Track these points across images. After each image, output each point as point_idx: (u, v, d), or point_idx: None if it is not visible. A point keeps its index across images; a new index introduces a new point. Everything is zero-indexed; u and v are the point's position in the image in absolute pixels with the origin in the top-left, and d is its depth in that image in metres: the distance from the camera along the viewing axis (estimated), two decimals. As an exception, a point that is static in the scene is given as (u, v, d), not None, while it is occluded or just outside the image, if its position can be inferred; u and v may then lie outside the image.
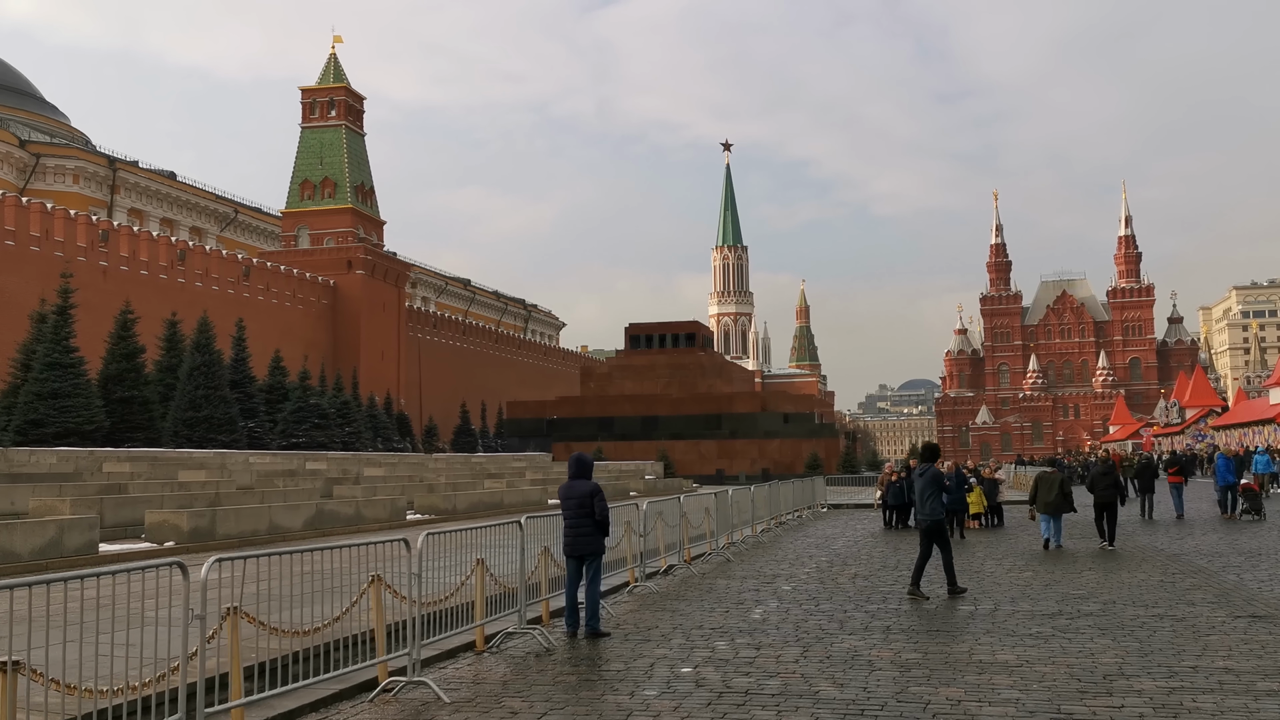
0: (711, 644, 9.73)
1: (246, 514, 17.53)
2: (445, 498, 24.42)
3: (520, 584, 9.93)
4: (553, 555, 10.96)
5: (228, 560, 6.54)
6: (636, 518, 14.09)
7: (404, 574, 8.02)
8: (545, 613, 11.02)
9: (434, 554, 9.15)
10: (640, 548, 14.02)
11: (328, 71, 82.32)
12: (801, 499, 32.56)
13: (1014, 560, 17.05)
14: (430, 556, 8.98)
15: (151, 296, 57.72)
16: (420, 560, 7.90)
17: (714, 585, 14.28)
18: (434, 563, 9.30)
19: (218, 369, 45.63)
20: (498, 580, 9.72)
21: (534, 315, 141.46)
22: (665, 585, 14.29)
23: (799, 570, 16.01)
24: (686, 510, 17.17)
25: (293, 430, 51.53)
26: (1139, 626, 10.35)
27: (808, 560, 17.56)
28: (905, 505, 25.01)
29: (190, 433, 44.26)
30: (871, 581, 14.47)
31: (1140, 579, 14.17)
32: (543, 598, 10.91)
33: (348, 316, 77.93)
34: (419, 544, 8.02)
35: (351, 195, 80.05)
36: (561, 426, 72.38)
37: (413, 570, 7.81)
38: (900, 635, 10.08)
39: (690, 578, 15.11)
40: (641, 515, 14.12)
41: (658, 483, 45.28)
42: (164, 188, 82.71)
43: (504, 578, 9.90)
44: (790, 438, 67.31)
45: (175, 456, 30.02)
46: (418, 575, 7.76)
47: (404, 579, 8.09)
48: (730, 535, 20.06)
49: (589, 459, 10.62)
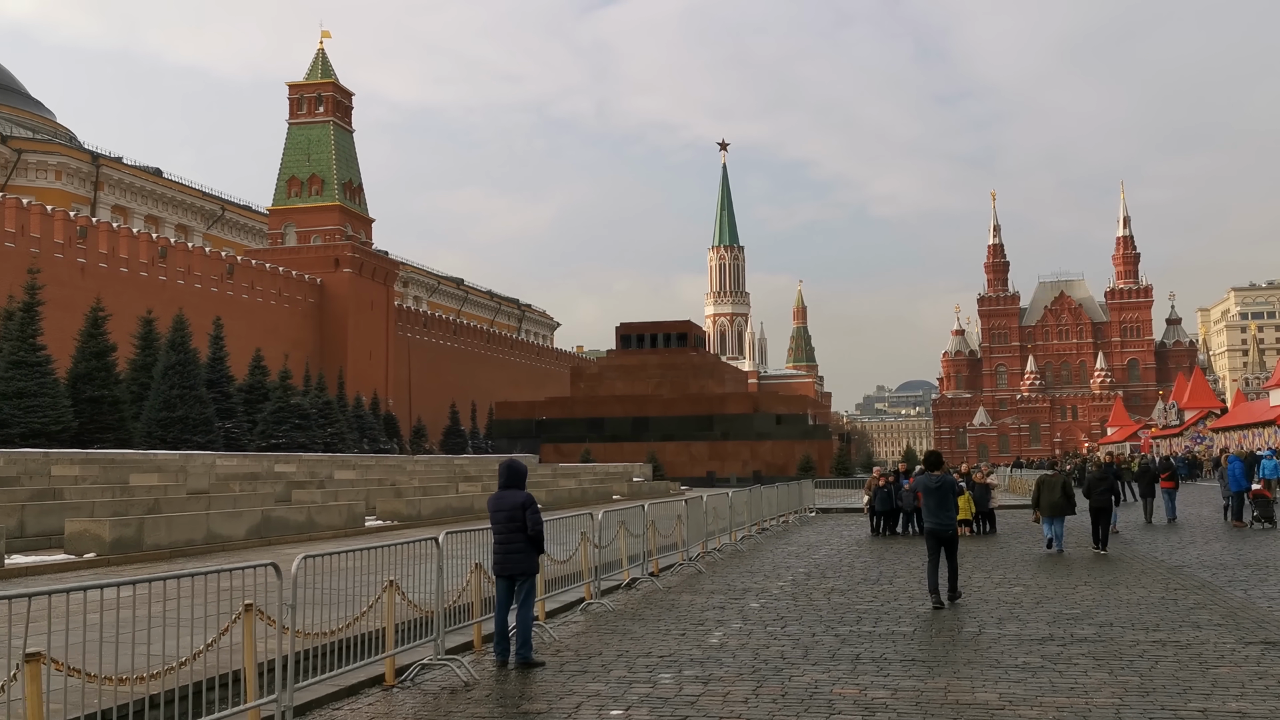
0: (655, 677, 8.60)
1: (181, 522, 16.34)
2: (410, 503, 23.22)
3: (438, 607, 8.79)
4: (487, 572, 9.84)
5: (63, 593, 5.40)
6: (592, 527, 12.96)
7: (300, 600, 6.88)
8: (477, 638, 9.90)
9: (352, 573, 8.04)
10: (596, 560, 12.90)
11: (315, 67, 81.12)
12: (788, 503, 31.46)
13: (1004, 572, 15.94)
14: (342, 577, 7.87)
15: (131, 294, 56.60)
16: (296, 587, 6.75)
17: (676, 602, 13.16)
18: (344, 583, 8.20)
19: (193, 368, 44.47)
20: (414, 604, 8.59)
21: (528, 315, 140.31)
22: (624, 602, 13.17)
23: (772, 584, 14.89)
24: (654, 518, 16.05)
25: (272, 431, 50.35)
26: (1139, 656, 9.23)
27: (784, 572, 16.44)
28: (894, 511, 23.92)
29: (164, 434, 43.09)
30: (849, 598, 13.34)
31: (1140, 595, 13.05)
32: (474, 620, 9.80)
33: (335, 315, 76.75)
34: (294, 568, 6.86)
35: (339, 192, 78.87)
36: (551, 428, 71.21)
37: (285, 600, 6.65)
38: (870, 666, 8.96)
39: (654, 593, 13.99)
40: (597, 525, 12.99)
41: (644, 485, 44.15)
42: (149, 184, 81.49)
43: (425, 600, 8.78)
44: (783, 439, 66.14)
45: (133, 458, 28.86)
46: (292, 606, 6.60)
47: (297, 607, 6.97)
48: (705, 543, 18.96)
49: (521, 465, 9.47)
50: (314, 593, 7.53)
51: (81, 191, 76.72)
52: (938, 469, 12.92)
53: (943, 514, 12.55)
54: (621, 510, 14.80)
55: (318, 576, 7.69)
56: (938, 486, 12.59)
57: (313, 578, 7.48)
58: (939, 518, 12.56)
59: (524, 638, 9.04)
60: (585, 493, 37.41)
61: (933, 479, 12.67)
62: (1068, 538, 19.70)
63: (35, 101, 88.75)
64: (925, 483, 12.78)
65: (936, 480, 12.64)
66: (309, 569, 7.15)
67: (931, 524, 12.62)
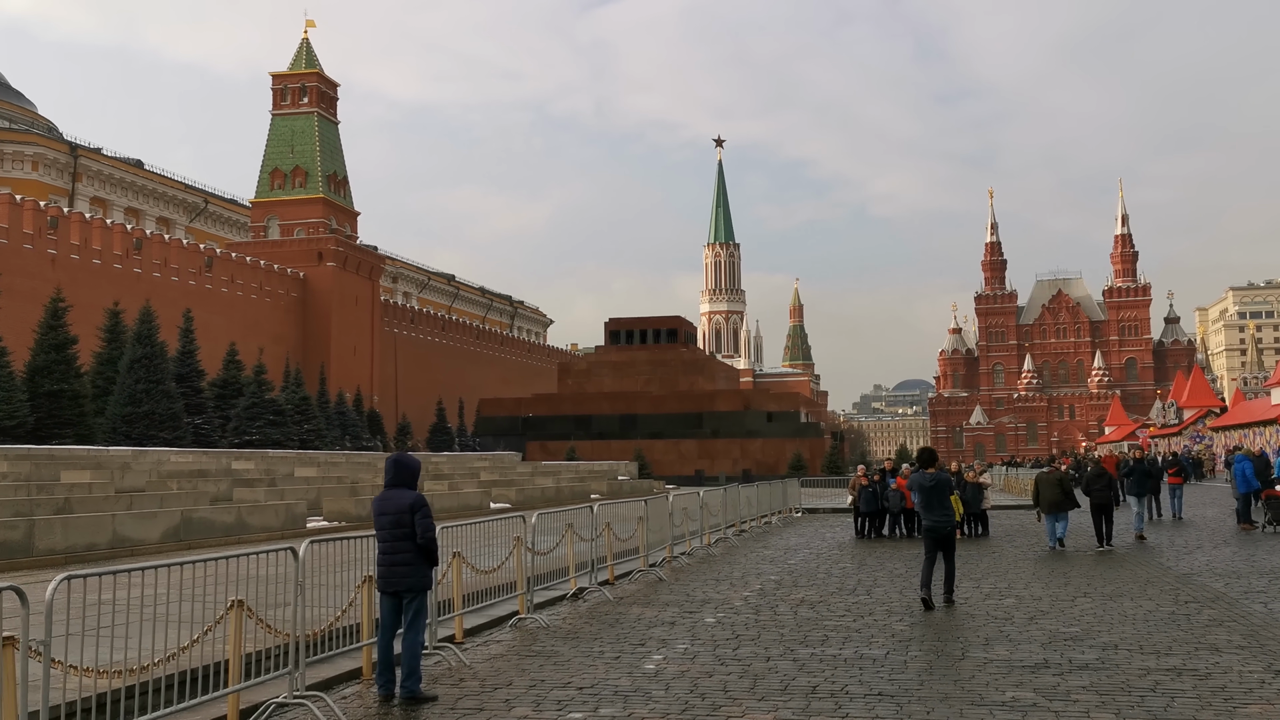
0: (565, 717, 7.09)
1: (81, 525, 14.74)
2: (361, 503, 21.64)
3: (297, 632, 7.25)
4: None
5: None
6: (526, 530, 11.45)
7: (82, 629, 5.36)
8: (366, 664, 8.38)
9: (198, 587, 6.52)
10: (531, 568, 11.38)
11: (299, 57, 79.48)
12: (770, 503, 29.97)
13: (995, 581, 14.43)
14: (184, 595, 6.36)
15: (103, 286, 54.98)
16: (49, 614, 5.21)
17: (623, 616, 11.64)
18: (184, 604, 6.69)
19: (160, 361, 42.87)
20: (272, 628, 7.07)
21: (520, 312, 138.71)
22: (564, 616, 11.66)
23: (737, 594, 13.38)
24: (609, 520, 14.54)
25: (245, 428, 48.80)
26: (1150, 690, 7.71)
27: (754, 579, 14.93)
28: (879, 512, 22.42)
29: (129, 430, 41.54)
30: (819, 611, 11.83)
31: (1146, 610, 11.54)
32: (362, 644, 8.28)
33: (318, 310, 75.14)
34: (49, 592, 5.29)
35: (323, 184, 77.26)
36: (537, 425, 69.66)
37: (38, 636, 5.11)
38: (825, 703, 7.43)
39: (601, 605, 12.47)
40: (530, 529, 11.48)
41: (626, 484, 42.63)
42: (129, 176, 79.82)
43: (282, 624, 7.26)
44: (774, 437, 64.57)
45: (76, 455, 27.28)
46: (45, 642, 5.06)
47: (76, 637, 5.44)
48: (672, 548, 17.46)
49: (412, 462, 7.94)
50: (128, 615, 6.01)
51: (59, 183, 75.10)
52: (931, 466, 12.44)
53: (939, 512, 12.19)
54: (567, 512, 13.29)
55: (138, 594, 6.18)
56: (933, 484, 12.18)
57: (122, 598, 5.96)
58: (936, 516, 12.17)
59: (410, 667, 7.51)
60: (561, 492, 35.90)
61: (927, 477, 12.23)
62: (1069, 535, 19.15)
63: (15, 92, 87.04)
64: (919, 481, 12.32)
65: (931, 478, 12.20)
66: (85, 590, 5.61)
67: (930, 522, 12.21)
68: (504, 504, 28.61)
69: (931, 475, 12.22)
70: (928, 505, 12.23)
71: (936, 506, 12.20)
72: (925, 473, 12.29)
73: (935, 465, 12.53)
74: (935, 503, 12.19)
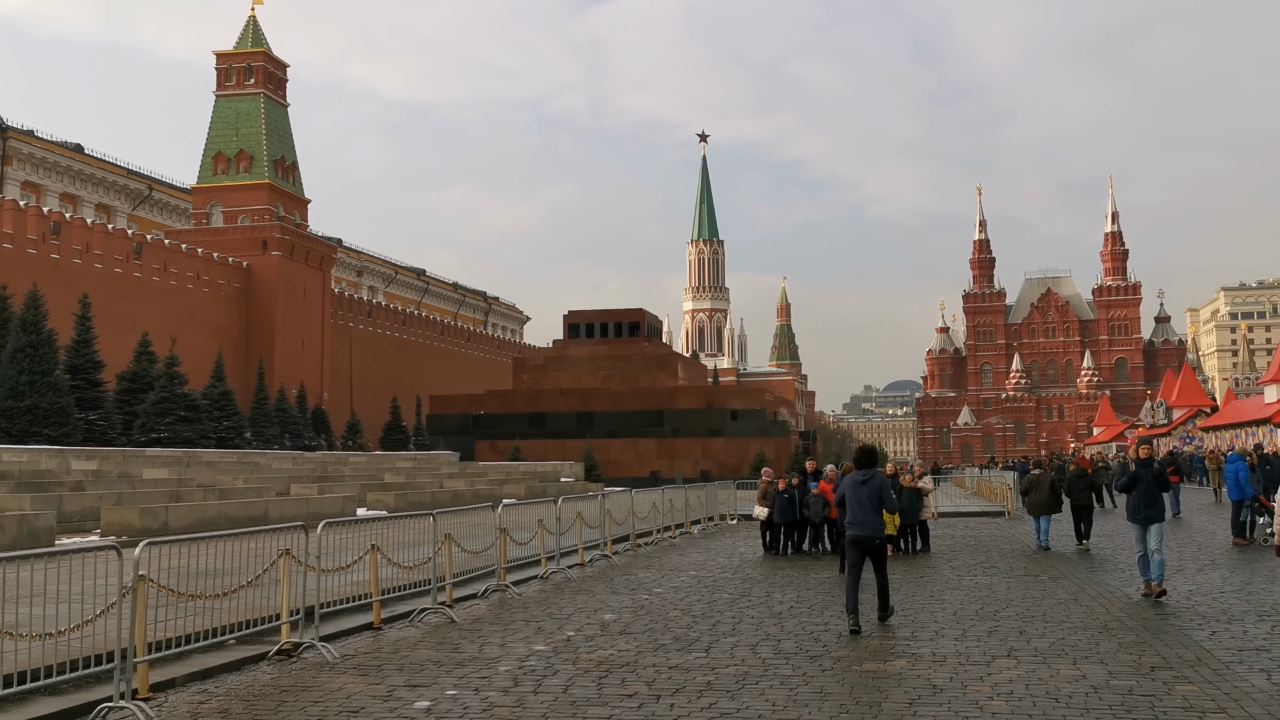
0: None
1: None
2: (149, 511, 17.58)
3: None
4: None
5: None
6: (300, 543, 7.65)
7: None
8: None
9: None
10: (303, 588, 7.56)
11: (245, 35, 75.47)
12: (697, 508, 26.29)
13: (933, 610, 10.71)
14: None
15: (14, 272, 50.93)
16: None
17: (410, 661, 7.82)
18: None
19: (47, 351, 38.98)
20: None
21: (495, 308, 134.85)
22: (356, 648, 7.84)
23: (525, 649, 9.56)
24: (450, 530, 10.87)
25: (154, 425, 44.94)
26: None
27: (580, 619, 11.11)
28: (797, 523, 18.66)
29: (10, 426, 37.69)
30: (611, 679, 8.03)
31: (1092, 682, 7.76)
32: None
33: (262, 302, 71.15)
34: None
35: (269, 170, 73.29)
36: (489, 423, 65.77)
37: None
38: None
39: (403, 641, 8.65)
40: (315, 538, 7.68)
41: (554, 487, 38.83)
42: (65, 160, 75.69)
43: None
44: (738, 436, 60.82)
45: None
46: None
47: None
48: (547, 564, 13.78)
49: None
50: None
51: (-12, 167, 71.00)
52: (870, 467, 11.07)
53: (869, 517, 10.60)
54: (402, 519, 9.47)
55: None
56: (864, 482, 10.72)
57: None
58: (863, 522, 10.56)
59: None
60: (479, 495, 32.15)
61: (859, 475, 10.85)
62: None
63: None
64: (851, 480, 10.86)
65: (864, 476, 10.80)
66: None
67: (853, 531, 10.61)
68: (380, 510, 24.80)
69: (865, 473, 10.82)
70: (858, 510, 10.61)
71: (869, 511, 10.63)
72: (858, 473, 10.92)
73: (873, 466, 11.21)
74: (869, 506, 10.65)
